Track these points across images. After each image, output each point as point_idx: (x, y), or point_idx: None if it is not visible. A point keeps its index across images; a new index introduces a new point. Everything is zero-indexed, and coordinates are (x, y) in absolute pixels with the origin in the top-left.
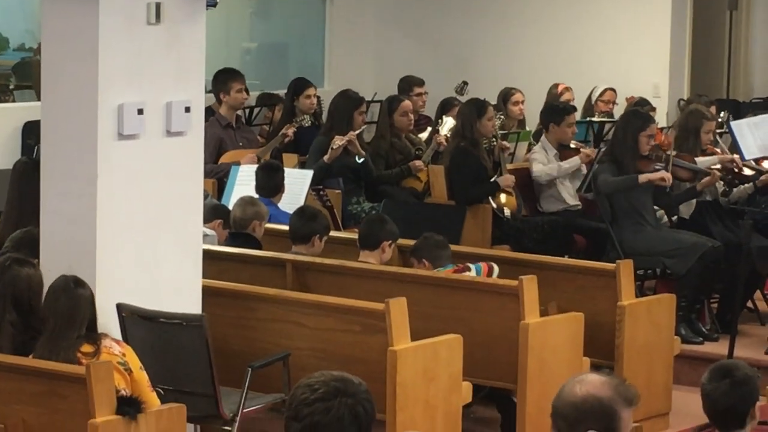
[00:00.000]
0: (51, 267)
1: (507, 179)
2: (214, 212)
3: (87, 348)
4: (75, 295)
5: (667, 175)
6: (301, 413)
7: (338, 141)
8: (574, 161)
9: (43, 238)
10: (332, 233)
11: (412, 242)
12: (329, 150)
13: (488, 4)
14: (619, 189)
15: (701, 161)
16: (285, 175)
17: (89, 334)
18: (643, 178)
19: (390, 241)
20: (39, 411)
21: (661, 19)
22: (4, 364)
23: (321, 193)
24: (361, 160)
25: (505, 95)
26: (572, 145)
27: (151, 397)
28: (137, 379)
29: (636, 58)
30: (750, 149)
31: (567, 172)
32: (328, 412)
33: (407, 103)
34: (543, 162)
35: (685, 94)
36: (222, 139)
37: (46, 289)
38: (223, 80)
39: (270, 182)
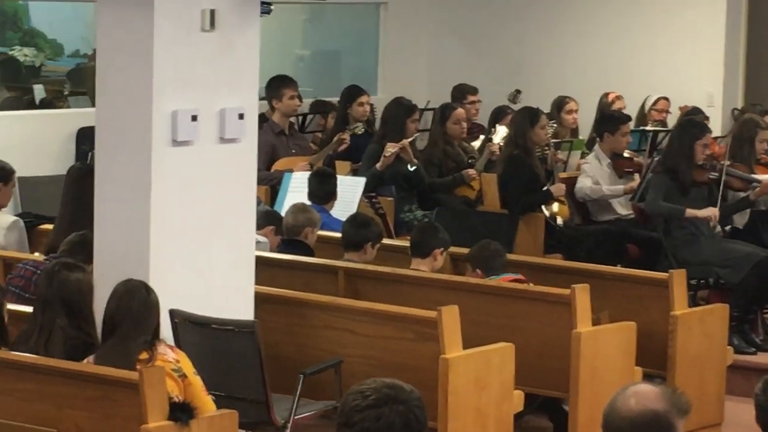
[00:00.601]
0: (104, 272)
1: (559, 188)
2: (266, 219)
3: (143, 355)
4: (148, 300)
5: (715, 212)
6: (352, 420)
7: (390, 148)
8: (618, 190)
9: (96, 244)
10: (384, 241)
11: (464, 250)
12: (382, 158)
13: (542, 12)
14: (664, 216)
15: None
16: (338, 182)
17: (151, 340)
18: (690, 213)
19: (441, 249)
20: (92, 416)
21: (715, 27)
22: (57, 369)
23: (374, 200)
24: (413, 168)
25: (559, 104)
26: (626, 155)
27: (207, 401)
28: (192, 383)
29: (690, 67)
30: None
31: (606, 197)
32: (378, 419)
33: (460, 111)
34: (592, 175)
35: (739, 103)
36: (275, 146)
37: (101, 293)
38: (276, 87)
39: (323, 189)
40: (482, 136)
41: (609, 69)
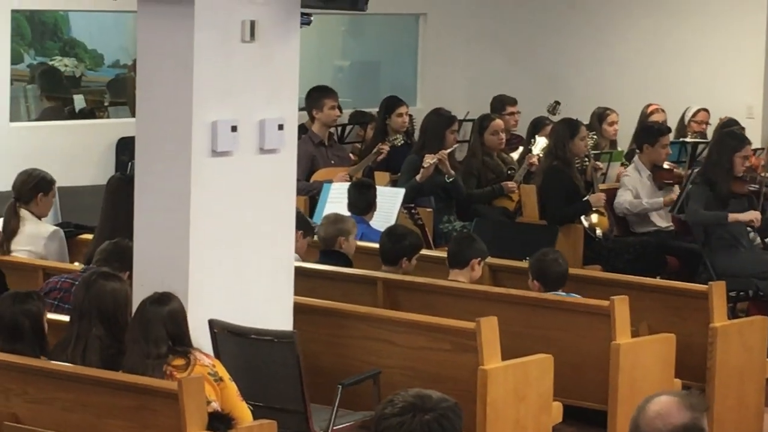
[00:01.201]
0: (144, 282)
1: (598, 198)
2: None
3: (178, 361)
4: (146, 313)
5: (756, 215)
6: (380, 427)
7: (429, 159)
8: (657, 203)
9: (136, 254)
10: (423, 251)
11: (503, 261)
12: (420, 169)
13: (582, 24)
14: (706, 223)
15: None
16: (377, 193)
17: (176, 348)
18: (732, 218)
19: (479, 259)
20: (130, 425)
21: (755, 39)
22: (95, 378)
23: (413, 211)
24: (451, 179)
25: (600, 115)
26: (665, 166)
27: (242, 407)
28: (228, 387)
29: (730, 79)
30: None
31: (646, 211)
32: (401, 427)
33: (498, 122)
34: (632, 187)
35: None
36: (314, 157)
37: (136, 303)
38: (316, 97)
39: (362, 200)
40: (521, 148)
41: (648, 80)
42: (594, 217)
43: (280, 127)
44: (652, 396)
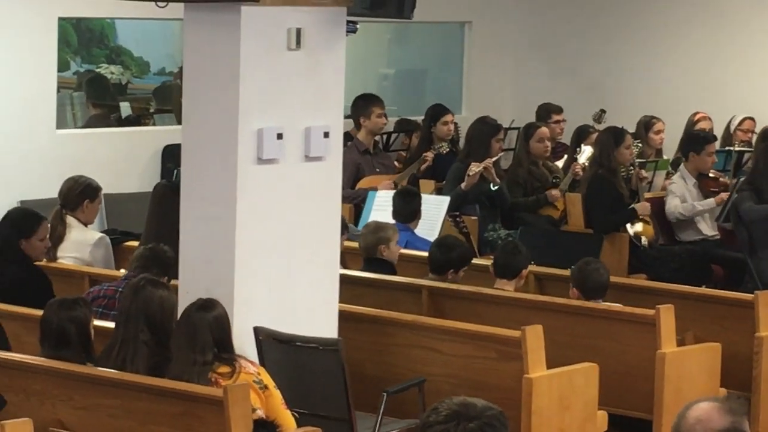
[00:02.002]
0: (189, 289)
1: (644, 206)
2: None
3: (223, 369)
4: (192, 320)
5: None
6: None
7: (474, 168)
8: (709, 203)
9: (181, 261)
10: None
11: (548, 270)
12: (465, 177)
13: (627, 32)
14: (765, 216)
15: None
16: (422, 201)
17: (221, 355)
18: None
19: (527, 269)
20: None
21: None
22: (140, 385)
23: (458, 219)
24: (496, 187)
25: (647, 124)
26: (711, 175)
27: (286, 415)
28: (273, 395)
29: None
30: None
31: (700, 213)
32: None
33: (544, 130)
34: (680, 194)
35: None
36: (359, 165)
37: (181, 310)
38: (363, 105)
39: (407, 208)
40: (566, 156)
41: (695, 89)
42: (639, 226)
43: (326, 134)
44: (691, 403)
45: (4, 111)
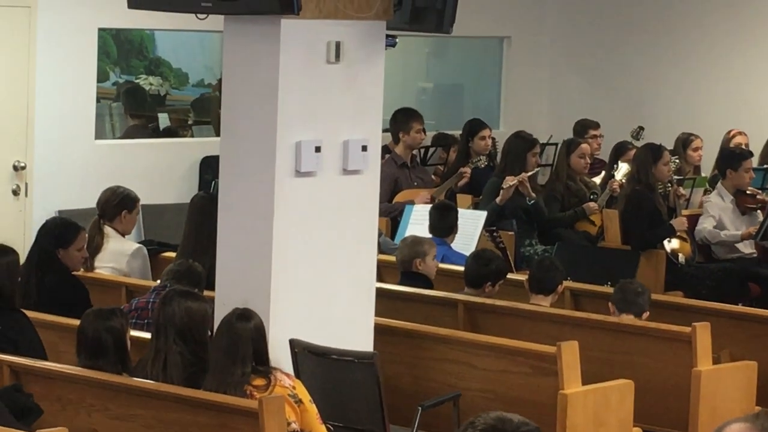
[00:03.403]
0: (226, 301)
1: (681, 222)
2: None
3: (259, 381)
4: (235, 330)
5: None
6: None
7: (509, 181)
8: (735, 236)
9: (218, 272)
10: None
11: (584, 286)
12: (501, 191)
13: (665, 48)
14: None
15: None
16: (458, 215)
17: (258, 367)
18: None
19: (562, 284)
20: None
21: None
22: (176, 396)
23: (494, 234)
24: (532, 201)
25: (684, 141)
26: (749, 191)
27: (321, 430)
28: (308, 410)
29: None
30: None
31: (723, 243)
32: None
33: (586, 146)
34: (714, 214)
35: None
36: (397, 178)
37: (217, 321)
38: (403, 120)
39: (443, 222)
40: (603, 172)
41: (733, 106)
42: (676, 243)
43: (364, 148)
44: (724, 424)
45: (43, 121)
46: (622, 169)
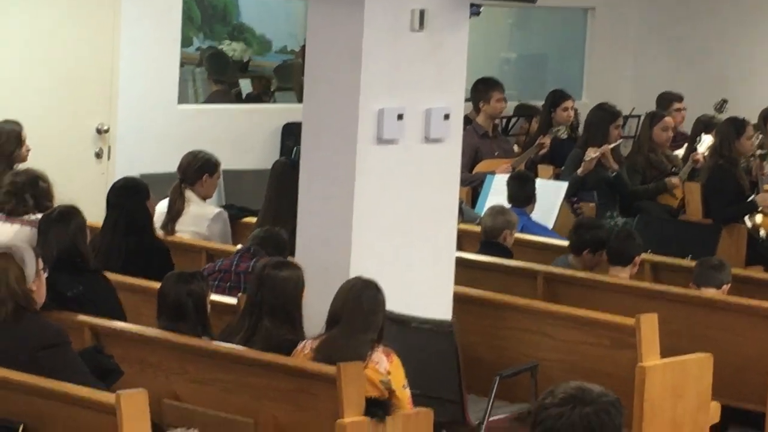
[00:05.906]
0: (306, 266)
1: (764, 198)
2: None
3: None
4: (377, 298)
5: None
6: (539, 417)
7: (591, 153)
8: None
9: (299, 238)
10: None
11: (664, 258)
12: (582, 162)
13: (750, 22)
14: None
15: None
16: (539, 186)
17: (377, 339)
18: None
19: (640, 256)
20: (289, 408)
21: None
22: (257, 361)
23: (575, 205)
24: (614, 174)
25: (767, 115)
26: None
27: (404, 394)
28: (399, 399)
29: None
30: None
31: None
32: (560, 418)
33: (669, 119)
34: None
35: None
36: (478, 148)
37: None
38: (483, 89)
39: (521, 192)
40: (686, 145)
41: None
42: (758, 218)
43: (446, 116)
44: None
45: (127, 85)
46: (705, 141)
